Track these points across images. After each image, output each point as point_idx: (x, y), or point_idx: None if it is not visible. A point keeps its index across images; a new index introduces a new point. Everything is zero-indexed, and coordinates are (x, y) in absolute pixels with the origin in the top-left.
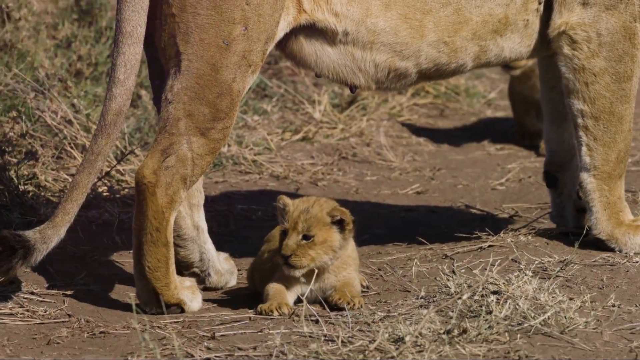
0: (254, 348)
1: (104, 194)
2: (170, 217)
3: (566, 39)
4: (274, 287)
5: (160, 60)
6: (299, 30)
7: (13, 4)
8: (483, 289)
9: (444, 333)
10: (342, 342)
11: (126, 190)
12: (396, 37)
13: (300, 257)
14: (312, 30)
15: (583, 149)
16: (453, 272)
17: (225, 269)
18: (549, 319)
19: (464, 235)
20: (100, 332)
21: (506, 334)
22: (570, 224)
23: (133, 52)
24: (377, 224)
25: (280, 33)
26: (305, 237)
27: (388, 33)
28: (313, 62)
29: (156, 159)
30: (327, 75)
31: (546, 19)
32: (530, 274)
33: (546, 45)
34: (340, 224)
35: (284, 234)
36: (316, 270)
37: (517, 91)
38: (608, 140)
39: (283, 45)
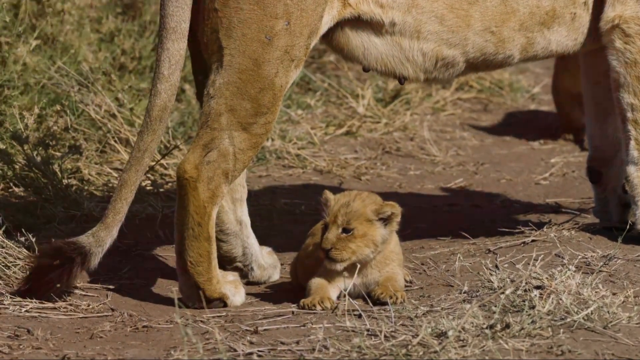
0: (297, 342)
1: (148, 188)
2: (212, 212)
3: (618, 32)
4: (316, 282)
5: (203, 55)
6: (344, 23)
7: None
8: (526, 283)
9: (486, 328)
10: (385, 336)
11: (170, 184)
12: (442, 24)
13: (341, 251)
14: (358, 22)
15: (631, 143)
16: (496, 266)
17: (269, 263)
18: (592, 313)
19: (507, 229)
20: (143, 327)
21: (549, 329)
22: (614, 219)
23: (177, 47)
24: (420, 219)
25: (324, 27)
26: (345, 230)
27: (434, 21)
28: (361, 54)
29: (198, 153)
30: (375, 68)
31: (595, 12)
32: (574, 268)
33: (592, 40)
34: (385, 218)
35: (326, 228)
36: (358, 265)
37: (564, 87)
38: None
39: (329, 38)
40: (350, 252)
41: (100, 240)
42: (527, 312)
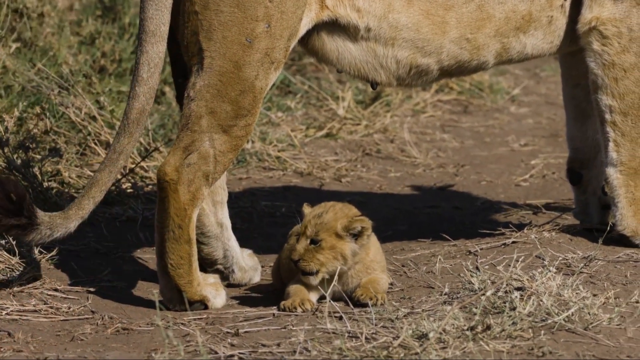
0: (278, 344)
1: (128, 190)
2: (193, 214)
3: (596, 34)
4: (294, 287)
5: (183, 57)
6: (321, 27)
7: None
8: (507, 285)
9: (467, 329)
10: (366, 338)
11: (150, 186)
12: (418, 33)
13: (309, 262)
14: (334, 26)
15: (610, 145)
16: (477, 268)
17: (249, 266)
18: (572, 315)
19: (487, 231)
20: (124, 329)
21: (530, 330)
22: (595, 221)
23: (156, 50)
24: (401, 221)
25: (302, 29)
26: (313, 241)
27: (410, 29)
28: (335, 58)
29: (178, 156)
30: (348, 72)
31: (571, 15)
32: (554, 270)
33: (568, 42)
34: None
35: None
36: (338, 269)
37: None
38: (635, 136)
39: (305, 41)
40: (319, 263)
41: (53, 224)
42: (507, 313)
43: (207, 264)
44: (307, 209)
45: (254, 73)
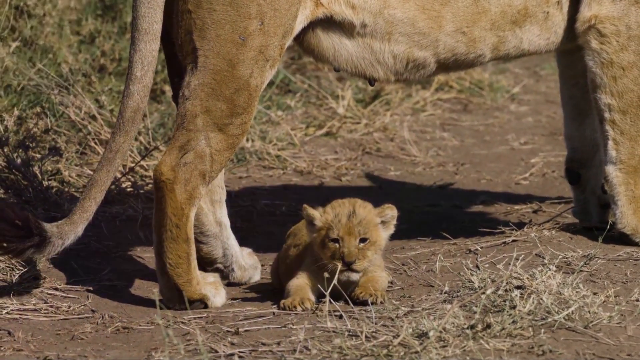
0: (278, 343)
1: (128, 189)
2: (190, 213)
3: (594, 32)
4: (294, 284)
5: (178, 56)
6: (316, 24)
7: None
8: (507, 283)
9: (467, 328)
10: (366, 337)
11: (150, 185)
12: (414, 27)
13: (362, 260)
14: (329, 23)
15: (609, 143)
16: (477, 266)
17: (249, 264)
18: (572, 313)
19: (487, 230)
20: (124, 328)
21: (530, 329)
22: (594, 220)
23: (150, 48)
24: (401, 219)
25: (298, 27)
26: (362, 240)
27: (406, 23)
28: (331, 55)
29: (174, 155)
30: (345, 69)
31: (570, 12)
32: (554, 268)
33: (566, 40)
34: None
35: (333, 242)
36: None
37: None
38: (635, 134)
39: (301, 39)
40: (367, 260)
41: (63, 233)
42: (508, 312)
43: (206, 263)
44: (315, 211)
45: (249, 71)
